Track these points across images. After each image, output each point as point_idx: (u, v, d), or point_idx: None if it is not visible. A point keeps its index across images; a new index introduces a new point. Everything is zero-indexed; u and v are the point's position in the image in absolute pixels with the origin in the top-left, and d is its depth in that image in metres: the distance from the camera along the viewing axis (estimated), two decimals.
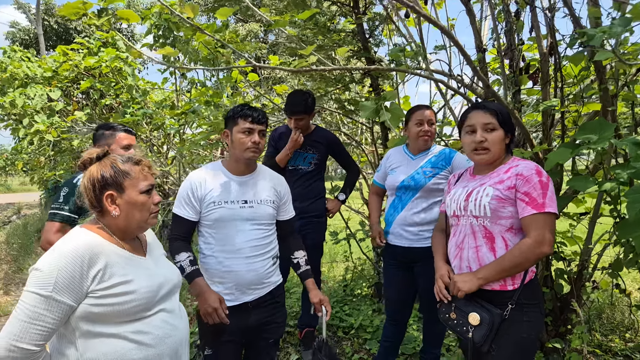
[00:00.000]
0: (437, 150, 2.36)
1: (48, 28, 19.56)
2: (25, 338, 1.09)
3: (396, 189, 2.35)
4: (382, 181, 2.51)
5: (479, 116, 1.65)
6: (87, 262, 1.17)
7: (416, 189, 2.28)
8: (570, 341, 2.56)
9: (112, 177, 1.27)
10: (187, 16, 2.09)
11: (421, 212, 2.28)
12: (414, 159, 2.37)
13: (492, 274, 1.56)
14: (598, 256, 2.70)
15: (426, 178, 2.26)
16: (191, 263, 1.78)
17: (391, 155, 2.50)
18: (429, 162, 2.31)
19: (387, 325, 2.49)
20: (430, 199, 2.28)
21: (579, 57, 1.95)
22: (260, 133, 1.82)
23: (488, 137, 1.62)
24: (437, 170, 2.27)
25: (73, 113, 5.03)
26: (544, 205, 1.51)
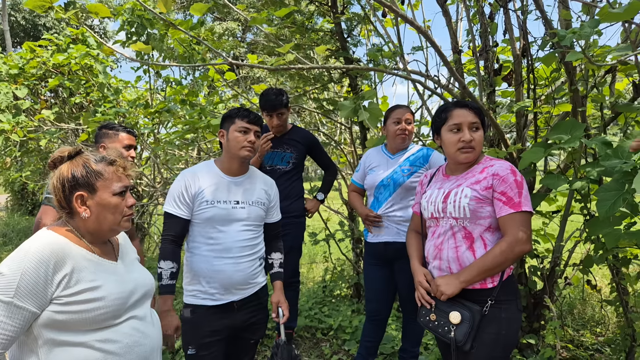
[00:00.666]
0: (415, 149, 2.39)
1: (15, 24, 18.81)
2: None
3: (375, 187, 2.37)
4: (360, 181, 2.53)
5: (465, 115, 1.64)
6: (53, 266, 1.11)
7: (395, 188, 2.31)
8: (544, 337, 2.63)
9: (83, 177, 1.21)
10: (160, 11, 2.03)
11: (399, 209, 2.31)
12: (392, 158, 2.39)
13: (474, 275, 1.56)
14: (569, 253, 2.77)
15: (404, 176, 2.29)
16: (171, 276, 1.78)
17: (370, 155, 2.52)
18: (407, 160, 2.34)
19: (367, 324, 2.49)
20: (408, 196, 2.31)
21: (550, 58, 2.00)
22: (256, 134, 1.86)
23: (475, 136, 1.64)
24: (415, 169, 2.31)
25: (41, 112, 4.83)
26: (520, 204, 1.53)
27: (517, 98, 2.74)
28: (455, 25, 2.89)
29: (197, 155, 4.65)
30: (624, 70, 2.58)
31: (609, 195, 1.81)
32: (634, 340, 2.45)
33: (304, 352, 2.98)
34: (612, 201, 1.78)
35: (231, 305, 1.83)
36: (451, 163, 1.77)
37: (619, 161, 1.81)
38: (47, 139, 4.74)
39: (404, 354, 2.48)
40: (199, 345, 1.79)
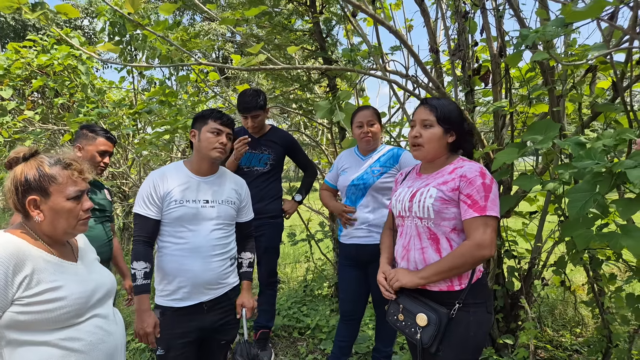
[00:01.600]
0: (385, 149, 2.39)
1: (4, 24, 18.73)
2: None
3: (346, 188, 2.38)
4: (333, 182, 2.54)
5: (420, 112, 1.65)
6: (12, 268, 1.11)
7: (365, 188, 2.31)
8: (519, 337, 2.62)
9: (36, 181, 1.20)
10: (127, 12, 2.01)
11: (371, 211, 2.31)
12: (363, 160, 2.40)
13: (431, 275, 1.56)
14: (548, 254, 2.76)
15: (374, 177, 2.29)
16: (145, 276, 1.78)
17: (342, 156, 2.53)
18: (377, 161, 2.34)
19: (341, 324, 2.50)
20: (379, 197, 2.31)
21: (515, 58, 1.98)
22: (228, 136, 1.88)
23: (424, 133, 1.62)
24: (385, 169, 2.30)
25: (25, 113, 4.80)
26: (486, 208, 1.50)
27: (495, 98, 2.73)
28: (433, 25, 2.88)
29: (183, 156, 4.63)
30: (605, 70, 2.57)
31: (580, 196, 1.80)
32: (609, 341, 2.44)
33: (280, 351, 2.97)
34: (582, 202, 1.77)
35: (200, 307, 1.83)
36: (421, 162, 1.76)
37: (591, 162, 1.79)
38: (32, 140, 4.71)
39: (377, 354, 2.48)
40: (168, 346, 1.79)
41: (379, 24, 2.12)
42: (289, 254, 5.56)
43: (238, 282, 2.00)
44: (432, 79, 2.33)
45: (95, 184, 2.39)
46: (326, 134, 4.16)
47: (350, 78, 3.17)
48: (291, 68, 2.25)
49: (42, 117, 5.15)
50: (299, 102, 3.35)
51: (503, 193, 2.65)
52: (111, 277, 1.42)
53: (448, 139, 1.64)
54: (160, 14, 2.13)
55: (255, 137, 2.82)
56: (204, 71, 4.09)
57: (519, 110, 2.76)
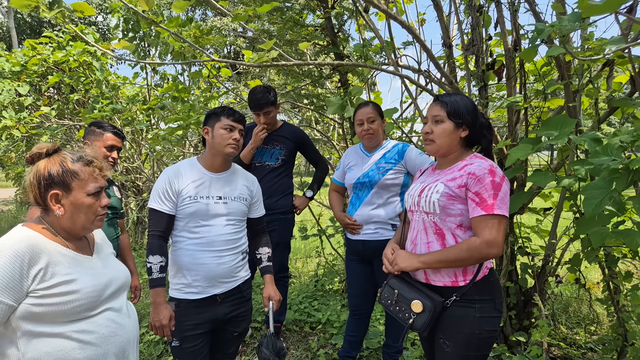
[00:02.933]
0: (390, 145, 2.38)
1: (21, 21, 19.05)
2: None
3: (353, 186, 2.38)
4: (341, 179, 2.54)
5: (431, 108, 1.66)
6: (28, 261, 1.14)
7: (371, 186, 2.30)
8: (532, 334, 2.59)
9: (59, 176, 1.23)
10: (141, 9, 2.03)
11: (377, 208, 2.30)
12: (369, 156, 2.38)
13: (433, 261, 1.56)
14: (562, 251, 2.73)
15: (380, 174, 2.28)
16: (161, 270, 1.82)
17: (349, 153, 2.52)
18: (382, 157, 2.33)
19: (350, 319, 2.52)
20: (385, 194, 2.30)
21: (530, 52, 1.95)
22: (240, 132, 1.90)
23: (434, 128, 1.63)
24: (391, 165, 2.29)
25: (41, 108, 4.90)
26: (494, 206, 1.49)
27: (509, 93, 2.69)
28: (447, 19, 2.84)
29: (195, 151, 4.67)
30: (622, 64, 2.51)
31: (596, 193, 1.78)
32: (625, 340, 2.41)
33: (292, 345, 2.99)
34: (599, 199, 1.75)
35: (214, 298, 1.87)
36: (437, 158, 1.76)
37: (608, 158, 1.77)
38: (49, 135, 4.80)
39: (388, 349, 2.48)
40: (183, 337, 1.83)
41: (391, 18, 2.11)
42: (300, 248, 5.59)
43: (249, 275, 2.04)
44: (445, 74, 2.31)
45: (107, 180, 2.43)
46: (337, 130, 4.16)
47: (361, 73, 3.15)
48: (303, 64, 2.25)
49: (58, 113, 5.24)
50: (311, 98, 3.35)
51: (517, 189, 2.62)
52: (126, 271, 1.45)
53: (460, 134, 1.63)
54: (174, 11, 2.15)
55: (267, 132, 2.83)
56: (215, 67, 4.11)
57: (534, 105, 2.71)
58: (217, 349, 2.00)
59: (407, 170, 2.32)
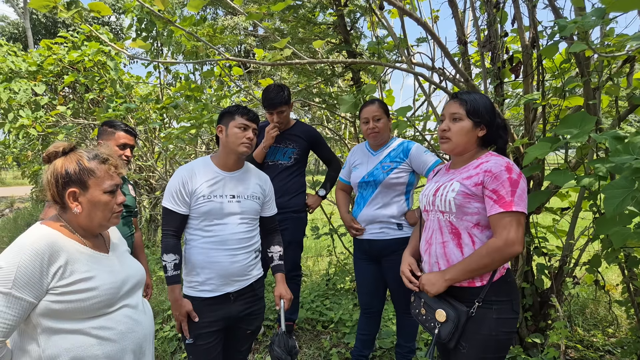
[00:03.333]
0: (395, 143, 2.36)
1: (36, 22, 19.37)
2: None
3: (358, 184, 2.36)
4: (347, 178, 2.53)
5: (450, 105, 1.64)
6: (47, 259, 1.16)
7: (375, 185, 2.29)
8: (549, 336, 2.55)
9: (76, 174, 1.25)
10: (157, 9, 2.04)
11: (382, 207, 2.29)
12: (374, 155, 2.37)
13: (459, 274, 1.54)
14: (580, 251, 2.68)
15: (384, 173, 2.27)
16: (175, 267, 1.85)
17: (354, 151, 2.51)
18: (387, 156, 2.32)
19: (361, 317, 2.51)
20: (390, 193, 2.28)
21: (552, 49, 1.91)
22: (254, 131, 1.91)
23: (452, 126, 1.61)
24: (396, 164, 2.27)
25: (57, 108, 4.96)
26: (512, 203, 1.46)
27: (526, 90, 2.64)
28: (462, 16, 2.80)
29: (206, 150, 4.69)
30: None
31: (617, 192, 1.73)
32: None
33: (304, 343, 2.99)
34: (620, 199, 1.70)
35: (227, 297, 1.88)
36: (451, 157, 1.74)
37: (630, 157, 1.72)
38: (64, 134, 4.86)
39: (400, 349, 2.47)
40: (197, 335, 1.85)
41: (407, 15, 2.08)
42: (311, 247, 5.58)
43: (262, 274, 2.05)
44: (461, 71, 2.28)
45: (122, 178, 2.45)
46: (349, 128, 4.14)
47: (374, 71, 3.13)
48: (316, 62, 2.24)
49: (73, 112, 5.31)
50: (323, 96, 3.33)
51: (533, 188, 2.57)
52: (141, 268, 1.47)
53: (478, 133, 1.62)
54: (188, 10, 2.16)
55: (280, 131, 2.82)
56: (227, 65, 4.12)
57: (552, 102, 2.66)
58: (230, 347, 2.01)
59: (412, 168, 2.30)
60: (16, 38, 20.12)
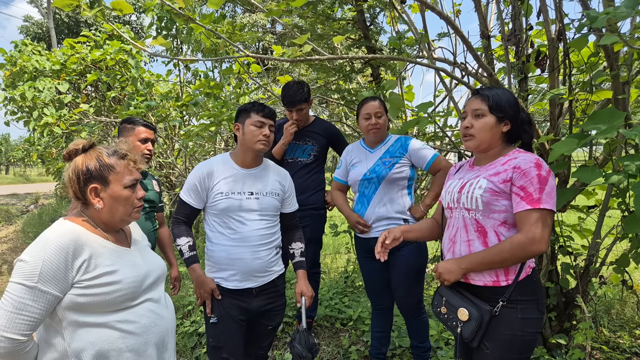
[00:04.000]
0: (393, 139, 2.35)
1: (59, 21, 19.81)
2: (12, 328, 1.11)
3: (359, 183, 2.34)
4: (343, 178, 2.49)
5: (471, 102, 1.61)
6: (72, 253, 1.18)
7: (379, 181, 2.27)
8: (574, 337, 2.49)
9: (96, 170, 1.26)
10: (179, 6, 2.05)
11: (387, 203, 2.27)
12: (372, 152, 2.35)
13: (475, 264, 1.51)
14: (607, 250, 2.60)
15: (386, 168, 2.25)
16: (190, 248, 1.90)
17: (350, 150, 2.49)
18: (387, 152, 2.30)
19: (374, 314, 2.51)
20: (393, 188, 2.27)
21: (581, 41, 1.85)
22: (270, 128, 1.92)
23: (475, 123, 1.57)
24: (396, 159, 2.26)
25: (80, 106, 5.07)
26: (540, 200, 1.42)
27: (552, 85, 2.57)
28: (485, 9, 2.74)
29: (225, 147, 4.73)
30: None
31: None
32: None
33: (323, 341, 2.99)
34: None
35: (250, 291, 1.90)
36: (475, 154, 1.71)
37: None
38: (87, 131, 4.96)
39: (416, 350, 2.44)
40: (221, 316, 1.88)
41: (428, 8, 2.04)
42: (329, 244, 5.58)
43: (283, 269, 2.06)
44: (485, 65, 2.23)
45: (144, 175, 2.49)
46: None
47: (393, 67, 3.09)
48: (336, 58, 2.22)
49: (96, 110, 5.42)
50: (342, 93, 3.31)
51: (559, 186, 2.51)
52: (162, 263, 1.49)
53: (502, 129, 1.58)
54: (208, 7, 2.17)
55: (299, 128, 2.82)
56: (246, 63, 4.14)
57: (578, 97, 2.58)
58: (251, 342, 2.03)
59: (411, 162, 2.30)
60: (40, 37, 20.65)
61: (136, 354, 1.27)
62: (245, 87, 4.32)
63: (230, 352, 1.88)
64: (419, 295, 2.36)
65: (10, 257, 6.23)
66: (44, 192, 15.58)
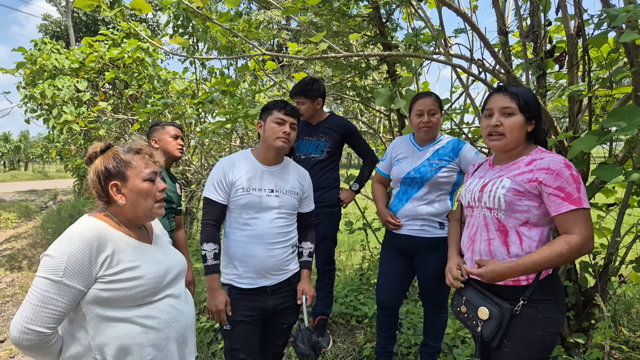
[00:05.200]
0: (445, 140, 2.25)
1: (77, 20, 20.13)
2: (38, 321, 1.15)
3: (401, 180, 2.28)
4: (386, 170, 2.44)
5: (498, 99, 1.57)
6: (96, 248, 1.21)
7: (422, 182, 2.20)
8: (593, 336, 2.46)
9: (115, 167, 1.31)
10: (196, 5, 2.08)
11: (426, 205, 2.20)
12: (420, 150, 2.27)
13: (528, 268, 1.45)
14: (627, 249, 2.56)
15: (432, 171, 2.18)
16: (215, 257, 1.89)
17: (397, 144, 2.40)
18: (436, 153, 2.21)
19: (379, 315, 2.45)
20: (435, 192, 2.20)
21: (601, 38, 1.82)
22: (292, 125, 1.92)
23: (504, 121, 1.54)
24: (445, 163, 2.18)
25: (99, 103, 5.16)
26: (581, 200, 1.42)
27: (571, 81, 2.53)
28: (502, 5, 2.71)
29: (241, 145, 4.77)
30: None
31: None
32: None
33: (338, 338, 3.01)
34: None
35: (264, 290, 1.91)
36: (495, 152, 1.69)
37: None
38: (105, 129, 5.05)
39: (426, 349, 2.42)
40: (234, 321, 1.88)
41: (444, 5, 2.03)
42: (344, 241, 5.59)
43: (299, 268, 2.05)
44: (502, 62, 2.21)
45: (172, 178, 2.59)
46: (383, 121, 4.09)
47: (409, 64, 3.08)
48: (352, 55, 2.22)
49: (113, 108, 5.51)
50: (358, 89, 3.31)
51: None
52: (182, 259, 1.51)
53: (528, 128, 1.57)
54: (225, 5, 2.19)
55: (312, 124, 2.82)
56: (261, 60, 4.16)
57: (598, 94, 2.54)
58: (267, 340, 2.04)
59: (460, 168, 2.21)
60: (59, 36, 21.02)
61: (157, 348, 1.30)
62: (260, 84, 4.35)
63: (247, 353, 1.89)
64: (445, 293, 2.34)
65: (29, 252, 6.38)
66: (63, 189, 15.90)
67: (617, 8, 1.77)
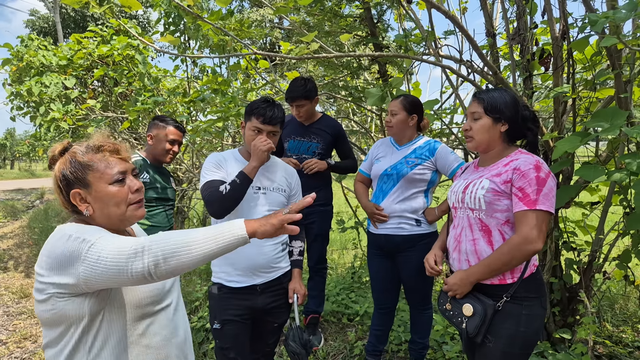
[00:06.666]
0: (422, 141, 2.36)
1: (66, 16, 19.86)
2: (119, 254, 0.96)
3: (379, 177, 2.37)
4: (367, 170, 2.52)
5: (471, 105, 1.69)
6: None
7: (398, 178, 2.29)
8: (577, 332, 2.53)
9: (72, 173, 1.10)
10: (187, 4, 2.09)
11: (402, 201, 2.29)
12: (399, 149, 2.37)
13: (482, 274, 1.57)
14: (610, 246, 2.64)
15: (408, 167, 2.27)
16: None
17: (378, 145, 2.51)
18: (413, 152, 2.32)
19: (376, 313, 2.53)
20: (411, 189, 2.28)
21: (582, 43, 1.88)
22: (270, 134, 1.84)
23: (473, 125, 1.65)
24: (420, 161, 2.27)
25: (87, 101, 5.11)
26: (537, 202, 1.47)
27: (556, 83, 2.60)
28: (490, 8, 2.76)
29: (233, 143, 4.77)
30: None
31: None
32: None
33: (330, 336, 3.04)
34: None
35: (254, 289, 1.90)
36: (480, 155, 1.76)
37: None
38: (94, 127, 5.00)
39: (413, 346, 2.48)
40: (224, 321, 1.88)
41: (434, 7, 2.07)
42: (336, 240, 5.62)
43: (289, 267, 2.05)
44: (489, 64, 2.26)
45: (165, 173, 2.53)
46: (375, 121, 4.13)
47: (400, 64, 3.12)
48: (343, 56, 2.25)
49: (103, 105, 5.45)
50: (349, 89, 3.34)
51: (563, 183, 2.54)
52: None
53: (500, 129, 1.63)
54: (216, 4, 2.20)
55: (305, 124, 2.85)
56: (253, 58, 4.16)
57: (582, 95, 2.60)
58: (258, 339, 2.03)
59: (436, 167, 2.30)
60: (46, 32, 20.71)
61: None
62: (252, 83, 4.35)
63: (238, 352, 1.89)
64: (428, 289, 2.40)
65: (15, 252, 6.28)
66: (50, 187, 15.63)
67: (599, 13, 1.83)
